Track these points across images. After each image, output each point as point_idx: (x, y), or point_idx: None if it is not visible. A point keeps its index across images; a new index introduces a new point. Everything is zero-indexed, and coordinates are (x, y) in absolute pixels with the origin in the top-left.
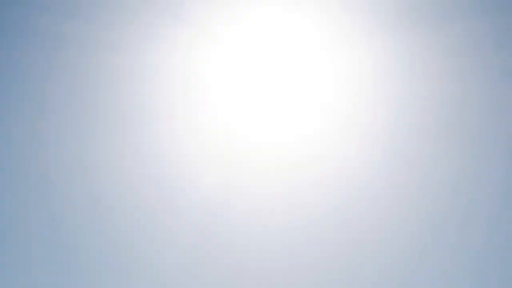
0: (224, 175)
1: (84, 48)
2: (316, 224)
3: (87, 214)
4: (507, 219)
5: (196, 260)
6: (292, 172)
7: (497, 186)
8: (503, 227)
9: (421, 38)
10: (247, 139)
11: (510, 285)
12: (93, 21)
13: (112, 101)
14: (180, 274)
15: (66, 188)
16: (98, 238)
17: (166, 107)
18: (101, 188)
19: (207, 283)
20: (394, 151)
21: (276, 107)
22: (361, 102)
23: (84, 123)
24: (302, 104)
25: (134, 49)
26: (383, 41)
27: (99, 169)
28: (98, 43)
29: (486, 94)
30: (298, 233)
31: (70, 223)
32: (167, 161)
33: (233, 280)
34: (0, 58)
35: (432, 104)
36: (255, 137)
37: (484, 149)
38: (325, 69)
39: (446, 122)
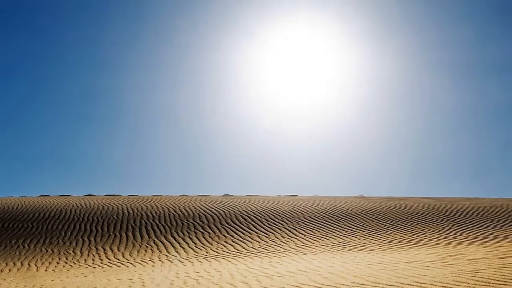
0: (273, 122)
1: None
2: (326, 156)
3: (200, 143)
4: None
5: (260, 163)
6: (312, 119)
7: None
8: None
9: (383, 46)
10: (286, 101)
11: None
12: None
13: (210, 81)
14: (249, 172)
15: (192, 125)
16: (206, 156)
17: (240, 83)
18: (208, 125)
19: (264, 176)
20: (370, 103)
21: (302, 83)
22: (354, 80)
23: (201, 91)
24: (318, 81)
25: (222, 50)
26: (366, 46)
27: (208, 115)
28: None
29: (421, 79)
30: (316, 151)
31: (195, 144)
32: (243, 114)
33: (281, 174)
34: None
35: (394, 80)
36: (292, 100)
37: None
38: (331, 61)
39: (399, 89)
